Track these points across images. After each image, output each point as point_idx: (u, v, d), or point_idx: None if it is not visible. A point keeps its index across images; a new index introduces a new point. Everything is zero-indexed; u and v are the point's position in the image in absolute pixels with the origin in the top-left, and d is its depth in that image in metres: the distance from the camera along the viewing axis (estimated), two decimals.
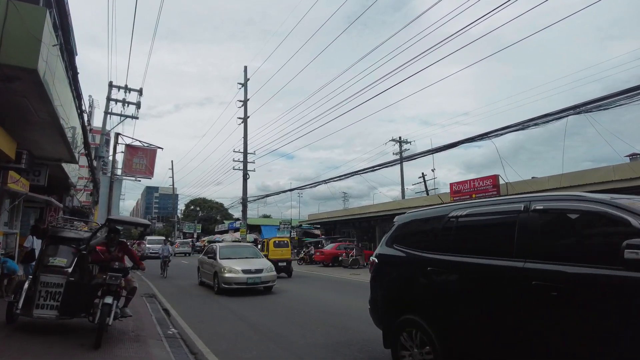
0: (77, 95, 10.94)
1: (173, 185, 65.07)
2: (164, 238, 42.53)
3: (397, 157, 33.95)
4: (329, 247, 26.54)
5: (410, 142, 40.46)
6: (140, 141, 18.75)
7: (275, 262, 15.26)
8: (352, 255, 22.92)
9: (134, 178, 18.85)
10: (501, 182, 19.08)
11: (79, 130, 11.43)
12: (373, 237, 31.15)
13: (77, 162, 12.11)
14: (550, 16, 38.73)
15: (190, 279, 16.18)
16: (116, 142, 18.18)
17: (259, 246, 18.96)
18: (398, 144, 40.57)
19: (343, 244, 25.90)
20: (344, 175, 25.01)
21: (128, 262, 6.82)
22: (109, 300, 5.56)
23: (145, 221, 7.31)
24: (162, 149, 19.05)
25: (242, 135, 39.48)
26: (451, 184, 21.52)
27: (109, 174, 17.79)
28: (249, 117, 40.56)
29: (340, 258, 23.91)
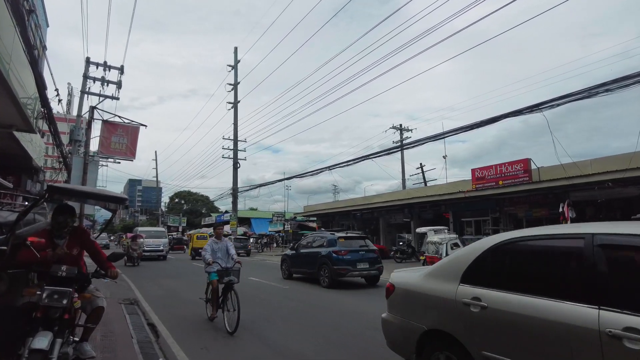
0: (26, 42, 8.24)
1: (157, 176, 61.97)
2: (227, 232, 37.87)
3: (379, 151, 31.74)
4: None
5: (411, 131, 38.60)
6: (120, 117, 16.03)
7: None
8: None
9: (112, 159, 16.09)
10: (532, 166, 16.99)
11: (34, 90, 8.73)
12: (376, 230, 28.91)
13: (34, 131, 9.41)
14: (534, 13, 36.97)
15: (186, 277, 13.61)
16: (91, 118, 15.39)
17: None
18: (399, 131, 38.73)
19: None
20: (352, 160, 22.67)
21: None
22: (41, 342, 2.98)
23: (117, 194, 4.37)
24: (145, 126, 16.33)
25: (232, 122, 36.92)
26: (473, 170, 19.33)
27: (82, 155, 15.00)
28: (239, 101, 37.92)
29: None
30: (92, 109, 15.54)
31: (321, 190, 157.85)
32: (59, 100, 14.09)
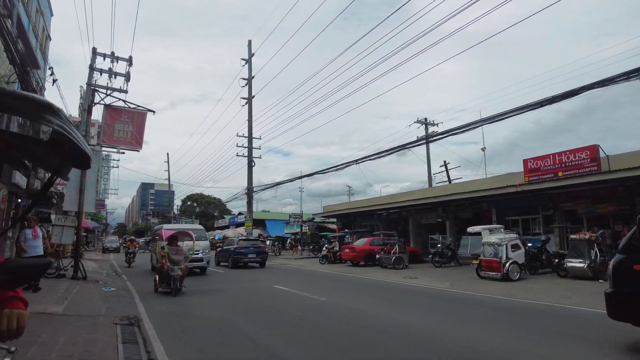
0: None
1: (169, 179, 60.60)
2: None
3: (394, 146, 29.34)
4: (359, 242, 21.85)
5: (437, 125, 36.21)
6: (124, 101, 14.03)
7: None
8: (394, 253, 18.29)
9: (115, 149, 14.11)
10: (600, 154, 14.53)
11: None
12: (405, 231, 26.52)
13: None
14: (546, 15, 34.38)
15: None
16: (91, 102, 13.43)
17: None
18: (424, 125, 36.39)
19: (378, 239, 21.23)
20: (373, 155, 20.45)
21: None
22: None
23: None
24: (153, 112, 14.33)
25: (246, 119, 34.97)
26: (525, 161, 16.91)
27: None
28: (254, 96, 35.96)
29: (377, 256, 19.26)
30: (93, 91, 13.57)
31: (332, 193, 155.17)
32: (54, 81, 12.13)
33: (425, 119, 35.84)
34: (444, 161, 37.42)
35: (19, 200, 14.07)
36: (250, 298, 9.97)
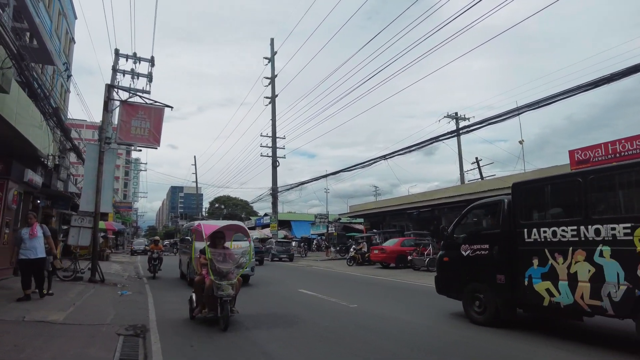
0: None
1: (196, 181, 60.89)
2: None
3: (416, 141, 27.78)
4: (389, 243, 20.67)
5: (468, 119, 34.52)
6: (140, 96, 13.45)
7: None
8: (427, 254, 17.05)
9: (132, 147, 13.56)
10: None
11: None
12: (438, 231, 25.09)
13: (5, 91, 6.75)
14: (572, 6, 31.89)
15: None
16: (108, 98, 12.94)
17: None
18: (454, 120, 34.79)
19: (409, 239, 20.02)
20: (403, 149, 19.28)
21: None
22: None
23: None
24: (171, 107, 13.68)
25: (270, 119, 34.40)
26: (571, 152, 15.42)
27: (98, 141, 12.54)
28: (277, 95, 35.33)
29: (409, 257, 18.05)
30: (109, 87, 13.05)
31: (357, 194, 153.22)
32: (68, 76, 11.65)
33: (456, 113, 34.23)
34: (476, 158, 35.57)
35: (38, 201, 13.74)
36: (273, 304, 9.06)
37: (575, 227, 5.47)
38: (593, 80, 11.06)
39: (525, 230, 6.12)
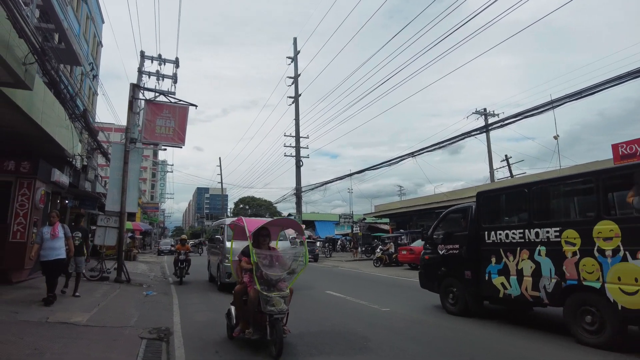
0: None
1: (221, 182, 61.59)
2: None
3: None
4: (418, 243, 20.01)
5: (497, 115, 33.37)
6: (165, 94, 13.38)
7: None
8: None
9: (157, 146, 13.50)
10: None
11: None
12: None
13: (28, 87, 6.64)
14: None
15: None
16: (132, 97, 12.92)
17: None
18: (483, 116, 33.70)
19: None
20: (432, 146, 18.65)
21: None
22: None
23: None
24: (195, 106, 13.58)
25: (293, 118, 34.19)
26: (615, 146, 14.45)
27: (123, 141, 12.53)
28: (300, 94, 35.07)
29: None
30: (133, 86, 13.02)
31: (381, 194, 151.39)
32: (94, 76, 11.66)
33: (485, 109, 33.20)
34: (505, 155, 34.44)
35: (66, 201, 13.87)
36: (300, 307, 8.69)
37: (522, 231, 6.44)
38: (632, 70, 10.26)
39: (486, 232, 7.10)
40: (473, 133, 16.51)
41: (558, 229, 5.83)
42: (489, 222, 7.17)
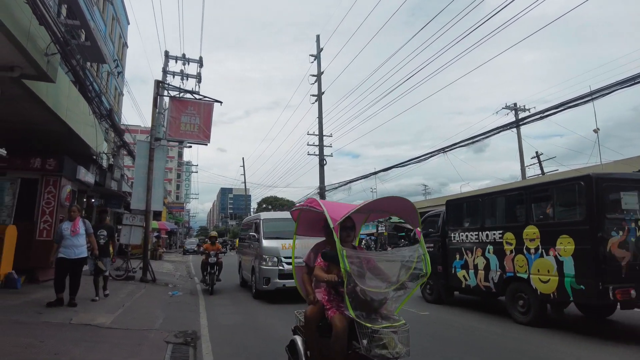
0: None
1: (245, 182, 61.72)
2: None
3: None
4: None
5: (528, 110, 32.04)
6: (190, 92, 13.17)
7: None
8: None
9: (182, 143, 13.29)
10: None
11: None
12: None
13: (51, 79, 6.42)
14: None
15: None
16: (157, 94, 12.76)
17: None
18: (513, 111, 32.45)
19: None
20: (464, 141, 17.80)
21: None
22: None
23: None
24: (220, 102, 13.33)
25: (317, 116, 33.70)
26: None
27: (148, 139, 12.35)
28: (323, 92, 34.63)
29: None
30: (158, 83, 12.85)
31: (403, 194, 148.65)
32: (119, 73, 11.53)
33: (515, 104, 31.91)
34: (536, 152, 33.03)
35: (93, 200, 13.84)
36: None
37: (477, 233, 7.86)
38: None
39: (452, 234, 8.55)
40: (508, 127, 15.68)
41: (501, 231, 7.27)
42: (454, 225, 8.57)
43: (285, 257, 8.76)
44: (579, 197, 6.08)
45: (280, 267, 8.72)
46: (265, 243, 9.16)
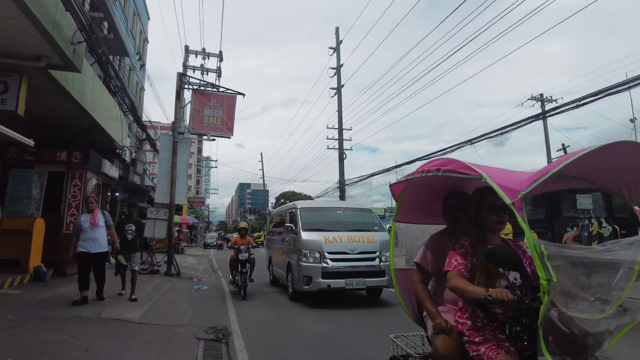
0: None
1: (263, 177, 61.73)
2: None
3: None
4: None
5: (556, 100, 31.01)
6: (213, 85, 13.03)
7: None
8: None
9: (205, 137, 13.17)
10: None
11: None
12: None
13: (77, 69, 6.29)
14: None
15: None
16: (180, 87, 12.66)
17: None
18: (539, 102, 31.47)
19: None
20: (494, 131, 17.20)
21: None
22: None
23: None
24: (243, 95, 13.17)
25: (336, 109, 33.32)
26: None
27: (171, 133, 12.27)
28: (343, 85, 34.19)
29: None
30: (180, 75, 12.75)
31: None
32: (141, 66, 11.43)
33: (541, 95, 30.90)
34: (562, 144, 32.07)
35: (117, 194, 13.88)
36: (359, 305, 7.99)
37: None
38: None
39: None
40: (540, 117, 15.08)
41: None
42: None
43: (329, 252, 7.60)
44: None
45: (324, 264, 7.51)
46: (305, 236, 7.95)
